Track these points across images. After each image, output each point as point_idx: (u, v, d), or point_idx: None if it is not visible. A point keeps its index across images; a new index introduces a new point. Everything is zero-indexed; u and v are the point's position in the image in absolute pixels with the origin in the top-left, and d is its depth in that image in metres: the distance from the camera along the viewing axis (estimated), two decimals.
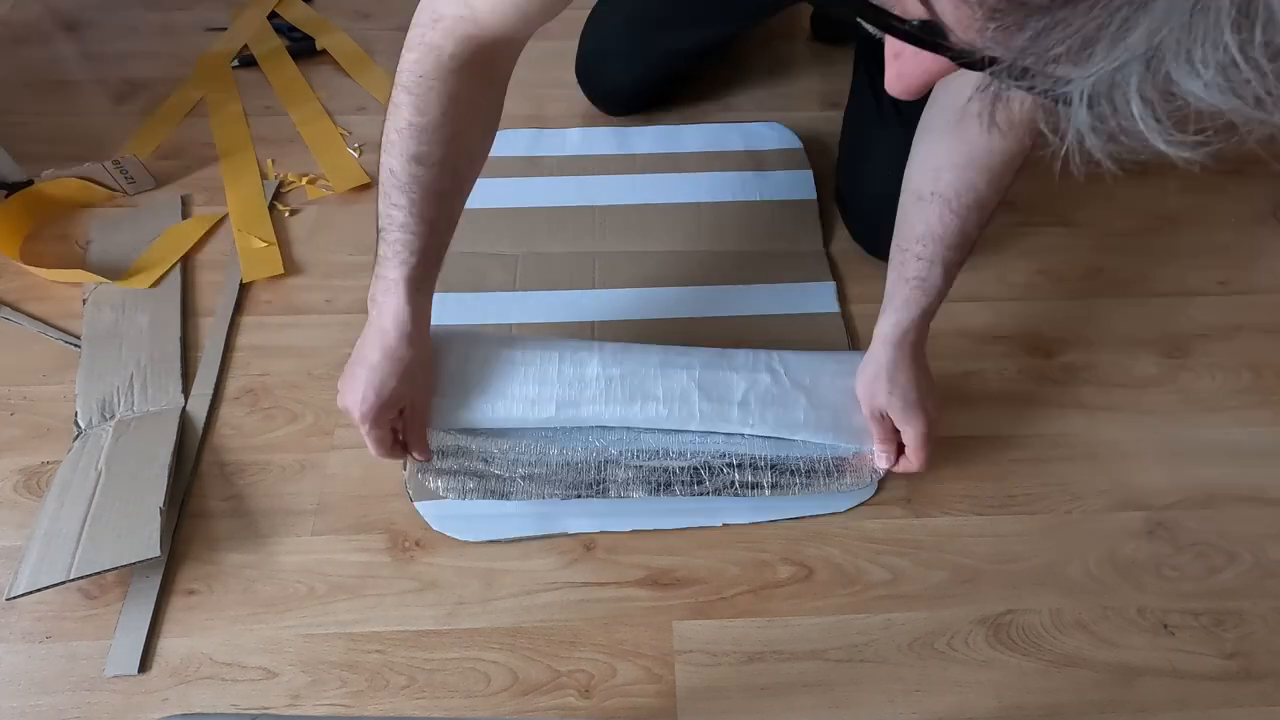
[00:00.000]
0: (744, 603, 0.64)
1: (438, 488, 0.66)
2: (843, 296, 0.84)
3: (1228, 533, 0.68)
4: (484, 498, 0.65)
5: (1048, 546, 0.67)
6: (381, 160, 0.57)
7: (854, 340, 0.80)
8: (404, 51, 0.55)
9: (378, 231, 0.59)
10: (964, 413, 0.75)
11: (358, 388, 0.59)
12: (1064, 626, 0.63)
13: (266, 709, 0.59)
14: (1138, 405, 0.76)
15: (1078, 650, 0.62)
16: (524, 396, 0.67)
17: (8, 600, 0.61)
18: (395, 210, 0.57)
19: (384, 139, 0.57)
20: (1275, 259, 0.87)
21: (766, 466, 0.67)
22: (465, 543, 0.67)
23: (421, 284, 0.60)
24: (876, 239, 0.86)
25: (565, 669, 0.61)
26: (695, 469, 0.67)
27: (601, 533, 0.67)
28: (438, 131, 0.55)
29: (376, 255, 0.60)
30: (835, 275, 0.85)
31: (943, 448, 0.72)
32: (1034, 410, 0.75)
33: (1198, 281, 0.85)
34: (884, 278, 0.64)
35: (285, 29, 1.14)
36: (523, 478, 0.66)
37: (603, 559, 0.66)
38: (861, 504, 0.69)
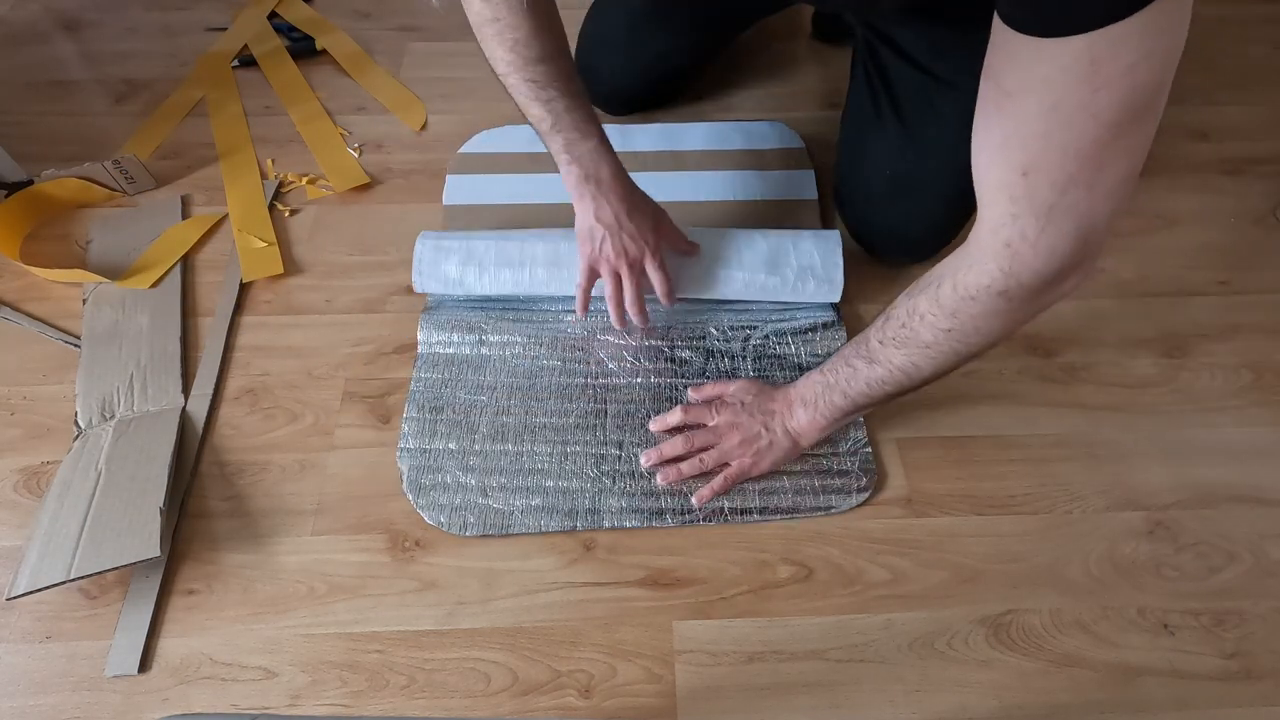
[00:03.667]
0: (744, 603, 0.64)
1: (440, 523, 0.67)
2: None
3: (1228, 533, 0.68)
4: (484, 533, 0.67)
5: (1048, 546, 0.67)
6: (513, 87, 0.67)
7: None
8: None
9: (543, 135, 0.70)
10: (964, 413, 0.75)
11: (645, 227, 0.72)
12: (1064, 626, 0.63)
13: (266, 709, 0.59)
14: (1137, 405, 0.76)
15: (1078, 650, 0.62)
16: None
17: (8, 600, 0.61)
18: (554, 102, 0.67)
19: (508, 79, 0.67)
20: (1275, 259, 0.87)
21: (755, 490, 0.69)
22: (465, 543, 0.67)
23: (603, 134, 0.72)
24: (874, 237, 0.85)
25: (565, 669, 0.61)
26: (684, 495, 0.69)
27: (601, 530, 0.67)
28: (545, 21, 0.65)
29: (558, 153, 0.71)
30: None
31: (943, 448, 0.72)
32: (1034, 410, 0.75)
33: (1197, 281, 0.85)
34: (880, 275, 0.64)
35: (285, 29, 1.14)
36: (520, 510, 0.68)
37: (603, 559, 0.66)
38: (862, 504, 0.69)
